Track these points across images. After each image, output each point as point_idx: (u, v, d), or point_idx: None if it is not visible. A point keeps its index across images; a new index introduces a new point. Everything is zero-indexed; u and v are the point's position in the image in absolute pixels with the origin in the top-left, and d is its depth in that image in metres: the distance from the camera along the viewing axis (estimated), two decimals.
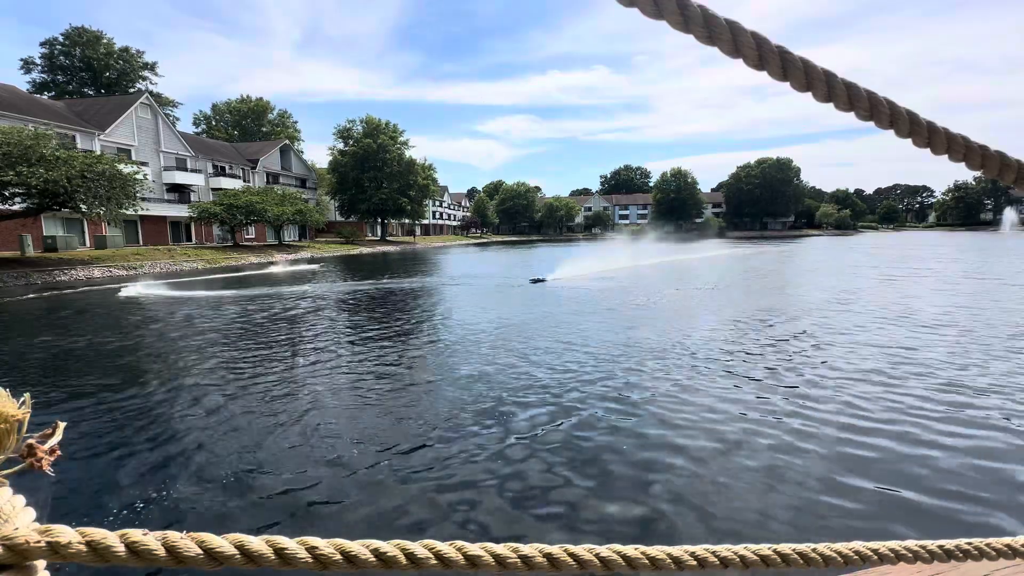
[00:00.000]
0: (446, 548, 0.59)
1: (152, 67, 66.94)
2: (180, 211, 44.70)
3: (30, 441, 0.49)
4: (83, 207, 25.13)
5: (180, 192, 47.73)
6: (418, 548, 0.57)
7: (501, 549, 0.61)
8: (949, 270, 22.99)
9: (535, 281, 20.66)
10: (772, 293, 16.99)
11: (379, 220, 70.92)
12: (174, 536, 0.49)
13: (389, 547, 0.56)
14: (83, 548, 0.45)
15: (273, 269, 31.66)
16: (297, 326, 11.90)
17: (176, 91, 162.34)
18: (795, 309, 13.33)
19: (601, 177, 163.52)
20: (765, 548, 0.80)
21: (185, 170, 47.76)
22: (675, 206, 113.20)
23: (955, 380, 7.04)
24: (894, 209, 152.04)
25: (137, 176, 28.32)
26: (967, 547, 0.97)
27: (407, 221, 79.27)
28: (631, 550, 0.70)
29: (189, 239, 46.52)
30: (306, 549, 0.52)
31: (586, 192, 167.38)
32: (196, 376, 7.81)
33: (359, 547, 0.55)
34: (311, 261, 39.51)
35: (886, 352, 8.58)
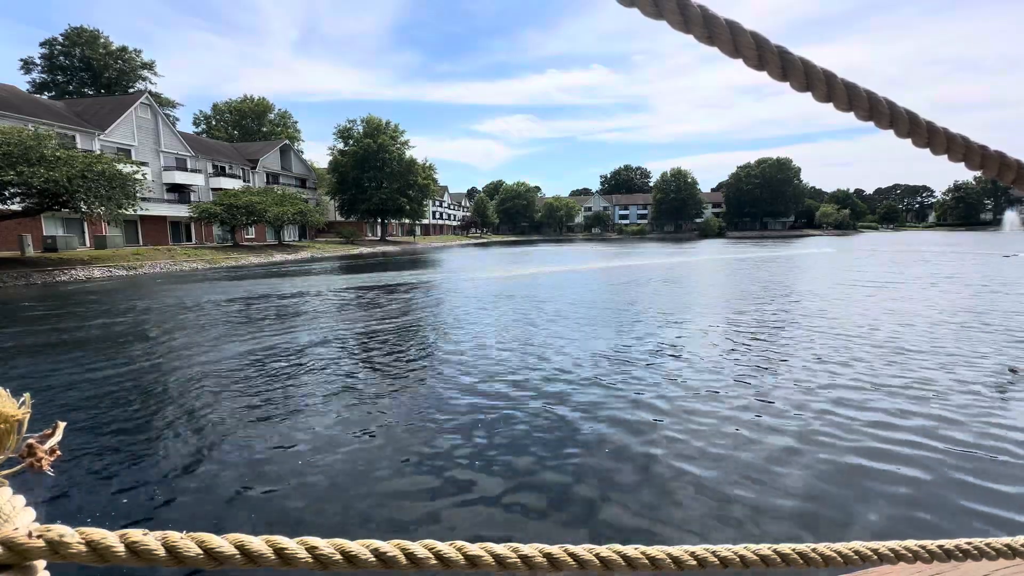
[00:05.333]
0: (446, 548, 0.59)
1: (151, 67, 66.99)
2: (180, 211, 44.71)
3: (30, 441, 0.49)
4: (83, 207, 25.14)
5: (180, 192, 47.74)
6: (418, 548, 0.57)
7: (501, 549, 0.61)
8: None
9: None
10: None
11: (379, 220, 70.90)
12: (174, 536, 0.49)
13: (389, 547, 0.56)
14: (83, 548, 0.45)
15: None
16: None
17: (173, 91, 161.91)
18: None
19: (601, 177, 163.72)
20: (765, 548, 0.80)
21: (185, 170, 47.76)
22: (675, 206, 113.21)
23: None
24: (894, 209, 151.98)
25: (137, 176, 28.32)
26: (967, 547, 0.97)
27: (407, 221, 79.27)
28: (631, 550, 0.70)
29: (189, 239, 46.53)
30: (306, 549, 0.52)
31: (586, 192, 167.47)
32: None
33: (359, 547, 0.55)
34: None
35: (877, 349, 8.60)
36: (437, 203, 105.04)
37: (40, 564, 0.46)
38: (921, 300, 14.23)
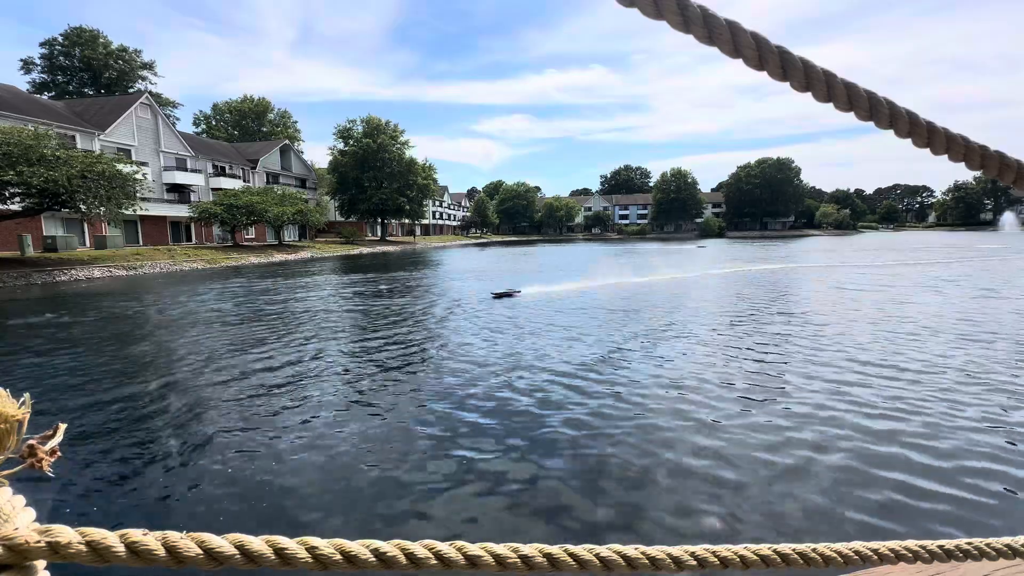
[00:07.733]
0: (446, 548, 0.58)
1: (151, 67, 66.96)
2: (180, 211, 44.66)
3: (31, 442, 0.49)
4: (83, 207, 25.12)
5: (180, 192, 47.70)
6: (418, 548, 0.57)
7: (501, 549, 0.61)
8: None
9: None
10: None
11: (379, 220, 70.84)
12: (174, 536, 0.49)
13: (389, 547, 0.56)
14: (83, 548, 0.45)
15: None
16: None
17: (171, 91, 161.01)
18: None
19: (601, 177, 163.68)
20: (765, 548, 0.80)
21: (185, 170, 47.71)
22: (675, 206, 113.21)
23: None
24: (894, 209, 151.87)
25: (137, 176, 28.29)
26: (967, 547, 0.97)
27: (407, 221, 79.20)
28: (631, 550, 0.70)
29: (189, 239, 46.49)
30: (306, 549, 0.52)
31: (586, 192, 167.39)
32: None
33: (359, 547, 0.55)
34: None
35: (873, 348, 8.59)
36: (437, 203, 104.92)
37: (40, 564, 0.46)
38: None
